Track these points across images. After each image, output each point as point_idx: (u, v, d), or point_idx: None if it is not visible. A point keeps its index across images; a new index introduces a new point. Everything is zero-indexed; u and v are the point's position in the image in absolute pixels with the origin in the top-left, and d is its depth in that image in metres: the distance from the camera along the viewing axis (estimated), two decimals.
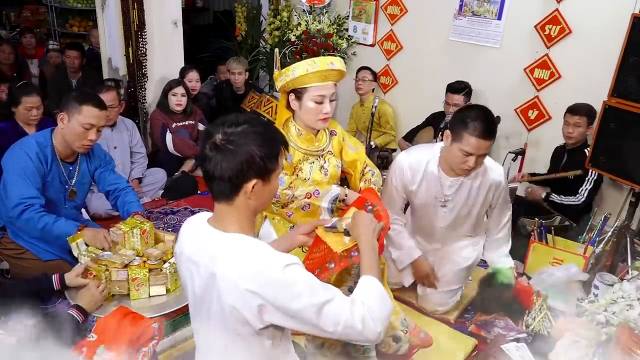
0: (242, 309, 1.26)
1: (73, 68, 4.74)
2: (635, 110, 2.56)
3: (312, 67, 1.99)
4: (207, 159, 1.30)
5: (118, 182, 2.64)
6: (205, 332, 1.42)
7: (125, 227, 2.14)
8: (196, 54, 5.75)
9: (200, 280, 1.34)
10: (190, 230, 1.44)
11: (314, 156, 2.17)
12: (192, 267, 1.37)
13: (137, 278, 2.03)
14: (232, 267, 1.26)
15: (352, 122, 4.71)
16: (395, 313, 2.24)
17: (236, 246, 1.30)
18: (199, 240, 1.38)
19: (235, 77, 4.62)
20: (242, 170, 1.28)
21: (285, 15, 4.99)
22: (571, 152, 3.41)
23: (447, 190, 2.40)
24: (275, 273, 1.23)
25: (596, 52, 3.41)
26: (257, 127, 1.31)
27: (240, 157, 1.27)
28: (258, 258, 1.26)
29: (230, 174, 1.28)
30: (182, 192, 3.90)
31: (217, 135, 1.28)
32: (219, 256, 1.29)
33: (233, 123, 1.30)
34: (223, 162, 1.27)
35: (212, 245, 1.33)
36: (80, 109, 2.32)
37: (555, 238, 2.99)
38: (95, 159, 2.59)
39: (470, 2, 3.94)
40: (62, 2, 6.06)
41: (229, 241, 1.32)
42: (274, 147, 1.34)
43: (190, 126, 4.18)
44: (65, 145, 2.41)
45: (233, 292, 1.25)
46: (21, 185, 2.30)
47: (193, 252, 1.38)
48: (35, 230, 2.33)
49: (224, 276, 1.26)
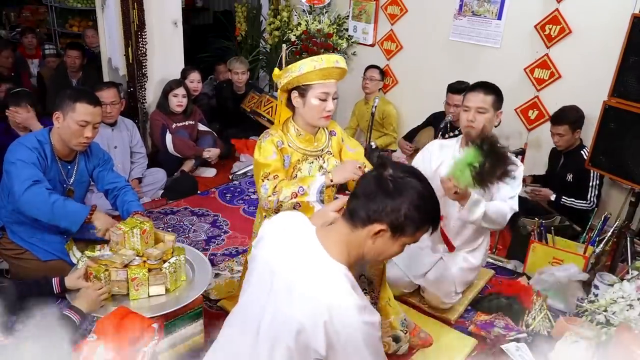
0: (308, 334, 1.23)
1: (74, 68, 4.74)
2: (635, 110, 2.56)
3: (319, 65, 1.99)
4: (378, 181, 1.29)
5: (117, 180, 2.63)
6: (244, 339, 1.37)
7: (125, 227, 2.14)
8: (196, 54, 5.75)
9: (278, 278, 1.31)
10: (288, 238, 1.39)
11: (313, 156, 2.17)
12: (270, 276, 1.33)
13: (137, 278, 2.03)
14: (319, 294, 1.24)
15: (354, 119, 4.68)
16: (395, 313, 2.24)
17: (332, 276, 1.27)
18: (295, 244, 1.35)
19: (238, 77, 4.62)
20: (385, 212, 1.27)
21: (285, 15, 5.00)
22: (568, 154, 3.41)
23: None
24: (354, 319, 1.22)
25: (596, 52, 3.41)
26: (423, 190, 1.29)
27: (389, 199, 1.26)
28: (348, 307, 1.22)
29: (377, 207, 1.27)
30: (182, 192, 3.90)
31: (389, 169, 1.29)
32: (309, 276, 1.28)
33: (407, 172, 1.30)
34: (384, 192, 1.27)
35: (309, 261, 1.31)
36: (74, 107, 2.32)
37: (555, 238, 2.99)
38: (93, 158, 2.58)
39: (470, 2, 3.94)
40: (62, 2, 6.05)
41: (328, 267, 1.29)
42: (423, 218, 1.30)
43: (190, 126, 4.18)
44: (62, 144, 2.41)
45: (306, 313, 1.23)
46: (28, 168, 2.28)
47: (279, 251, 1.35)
48: (44, 204, 2.25)
49: (305, 297, 1.25)
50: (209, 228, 3.46)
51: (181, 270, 2.17)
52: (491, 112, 2.40)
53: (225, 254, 3.15)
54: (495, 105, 2.42)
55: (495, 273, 3.05)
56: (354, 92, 4.67)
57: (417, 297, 2.71)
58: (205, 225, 3.51)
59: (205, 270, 2.28)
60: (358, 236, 1.31)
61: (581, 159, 3.25)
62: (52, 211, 2.26)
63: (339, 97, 4.50)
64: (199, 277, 2.23)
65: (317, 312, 1.22)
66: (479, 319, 2.59)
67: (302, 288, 1.27)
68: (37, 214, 2.29)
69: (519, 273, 3.05)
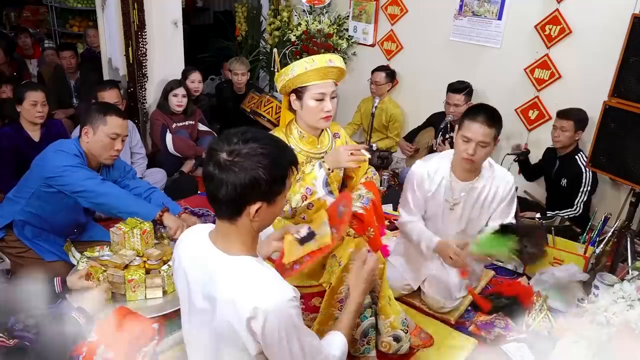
0: (241, 335, 1.25)
1: (70, 68, 4.74)
2: (635, 110, 2.56)
3: (310, 65, 1.98)
4: (210, 178, 1.24)
5: (137, 186, 2.61)
6: (196, 337, 1.41)
7: (126, 227, 2.14)
8: (196, 54, 5.75)
9: (197, 295, 1.34)
10: (190, 244, 1.41)
11: (317, 158, 2.17)
12: (190, 282, 1.36)
13: (134, 280, 2.03)
14: (234, 295, 1.24)
15: (359, 115, 4.63)
16: (395, 313, 2.24)
17: (239, 272, 1.28)
18: (198, 258, 1.35)
19: (238, 77, 4.63)
20: (245, 194, 1.23)
21: (286, 15, 5.00)
22: (563, 159, 3.41)
23: (456, 194, 2.45)
24: (279, 304, 1.22)
25: (596, 52, 3.41)
26: (265, 147, 1.24)
27: (245, 179, 1.21)
28: (260, 289, 1.24)
29: (234, 195, 1.23)
30: (182, 193, 3.90)
31: (222, 154, 1.22)
32: (221, 281, 1.27)
33: (240, 140, 1.23)
34: (226, 183, 1.22)
35: (214, 266, 1.30)
36: (105, 120, 2.34)
37: (555, 238, 2.99)
38: (114, 171, 2.59)
39: (471, 2, 3.94)
40: (62, 2, 6.05)
41: (232, 266, 1.29)
42: (281, 169, 1.27)
43: (191, 126, 4.18)
44: (90, 157, 2.42)
45: (233, 319, 1.25)
46: (83, 169, 2.33)
47: (191, 268, 1.36)
48: (123, 192, 2.37)
49: (225, 302, 1.25)
50: None
51: None
52: (492, 144, 2.30)
53: None
54: (496, 135, 2.31)
55: (495, 273, 3.05)
56: (354, 93, 4.67)
57: (417, 298, 2.71)
58: None
59: None
60: (242, 224, 1.29)
61: (576, 164, 3.27)
62: (130, 199, 2.34)
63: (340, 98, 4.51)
64: None
65: (239, 312, 1.23)
66: (479, 319, 2.59)
67: (221, 295, 1.27)
68: (115, 203, 2.32)
69: (519, 273, 3.05)
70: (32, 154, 2.61)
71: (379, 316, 2.20)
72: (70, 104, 4.77)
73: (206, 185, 1.28)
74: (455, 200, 2.46)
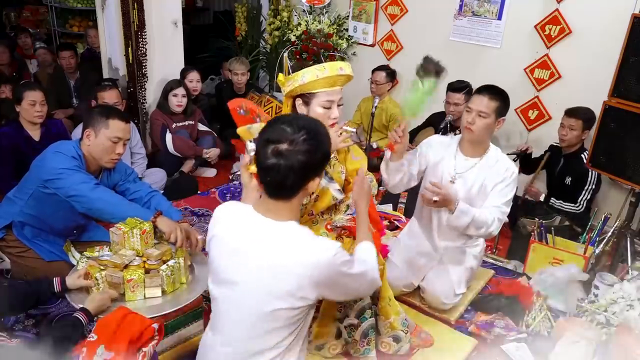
0: (303, 287, 1.41)
1: (70, 68, 4.73)
2: (635, 110, 2.57)
3: (322, 73, 1.97)
4: (275, 168, 1.37)
5: (138, 190, 2.59)
6: (240, 304, 1.49)
7: (125, 227, 2.14)
8: (196, 54, 5.75)
9: (247, 262, 1.45)
10: (234, 217, 1.54)
11: None
12: (238, 253, 1.47)
13: (133, 279, 2.03)
14: (293, 254, 1.41)
15: (358, 114, 4.63)
16: (396, 313, 2.24)
17: (292, 235, 1.45)
18: (247, 229, 1.48)
19: (238, 77, 4.63)
20: (308, 175, 1.41)
21: (285, 15, 5.00)
22: (568, 157, 3.40)
23: (459, 168, 2.51)
24: (329, 259, 1.41)
25: (596, 52, 3.41)
26: (315, 129, 1.42)
27: (309, 162, 1.38)
28: (314, 246, 1.43)
29: (299, 178, 1.40)
30: (182, 193, 3.90)
31: (282, 145, 1.36)
32: (277, 245, 1.43)
33: (293, 129, 1.38)
34: (293, 169, 1.37)
35: (268, 234, 1.45)
36: (107, 123, 2.34)
37: (555, 238, 2.99)
38: (115, 174, 2.57)
39: (471, 2, 3.95)
40: (62, 2, 6.05)
41: (285, 230, 1.45)
42: (328, 144, 1.46)
43: (190, 126, 4.18)
44: (91, 160, 2.41)
45: (294, 275, 1.40)
46: (80, 172, 2.31)
47: (238, 239, 1.49)
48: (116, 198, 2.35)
49: (286, 261, 1.41)
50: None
51: (180, 273, 2.16)
52: (492, 117, 2.40)
53: None
54: (498, 111, 2.41)
55: (495, 273, 3.05)
56: (354, 92, 4.67)
57: (417, 298, 2.71)
58: (206, 225, 3.50)
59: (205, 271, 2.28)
60: (296, 199, 1.47)
61: (581, 162, 3.25)
62: (123, 205, 2.33)
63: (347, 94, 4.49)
64: (199, 277, 2.23)
65: (299, 270, 1.40)
66: (479, 319, 2.59)
67: (275, 257, 1.42)
68: (108, 209, 2.31)
69: (519, 273, 3.05)
70: (32, 153, 2.61)
71: (379, 317, 2.20)
72: (70, 104, 4.77)
73: (268, 176, 1.40)
74: (458, 173, 2.50)
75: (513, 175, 2.46)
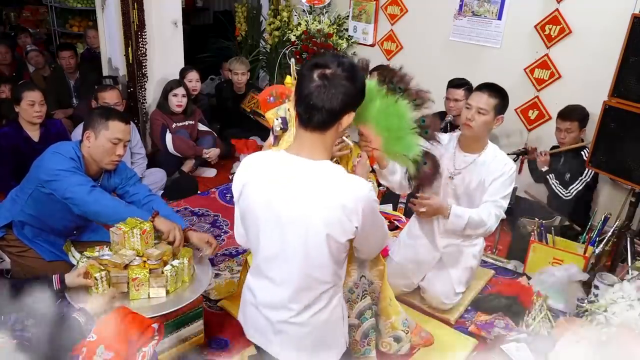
0: (343, 224, 1.42)
1: (70, 68, 4.73)
2: (635, 110, 2.57)
3: None
4: (317, 89, 1.36)
5: (136, 192, 2.57)
6: (286, 246, 1.48)
7: (125, 227, 2.14)
8: (196, 54, 5.74)
9: (286, 206, 1.44)
10: (266, 161, 1.51)
11: None
12: (274, 198, 1.45)
13: (137, 278, 2.03)
14: (333, 192, 1.41)
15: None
16: (396, 313, 2.24)
17: (329, 174, 1.45)
18: (283, 168, 1.47)
19: (238, 77, 4.63)
20: (348, 104, 1.40)
21: (285, 15, 4.99)
22: (568, 154, 3.40)
23: (458, 164, 2.53)
24: (366, 193, 1.44)
25: (596, 52, 3.41)
26: (356, 65, 1.45)
27: (347, 91, 1.37)
28: (352, 181, 1.45)
29: (339, 105, 1.38)
30: (182, 193, 3.90)
31: (329, 69, 1.36)
32: (315, 183, 1.43)
33: (340, 60, 1.39)
34: (335, 94, 1.36)
35: (306, 170, 1.44)
36: (107, 125, 2.33)
37: (555, 238, 2.99)
38: (116, 176, 2.56)
39: (471, 2, 3.94)
40: (62, 2, 6.05)
41: (321, 169, 1.45)
42: (363, 84, 1.48)
43: (190, 126, 4.18)
44: (91, 162, 2.40)
45: (336, 212, 1.40)
46: (77, 174, 2.30)
47: (275, 177, 1.47)
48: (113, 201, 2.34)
49: (326, 200, 1.41)
50: (209, 228, 3.46)
51: (183, 272, 2.16)
52: (491, 115, 2.41)
53: (225, 254, 3.15)
54: (497, 109, 2.43)
55: (495, 273, 3.05)
56: None
57: (417, 297, 2.72)
58: (206, 225, 3.51)
59: (205, 271, 2.28)
60: (330, 133, 1.45)
61: (581, 158, 3.25)
62: (119, 207, 2.31)
63: None
64: (199, 277, 2.23)
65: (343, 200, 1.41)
66: (479, 319, 2.59)
67: (315, 196, 1.42)
68: (104, 211, 2.29)
69: (519, 273, 3.05)
70: (31, 154, 2.60)
71: (379, 317, 2.20)
72: (70, 104, 4.77)
73: (311, 99, 1.38)
74: (457, 170, 2.52)
75: (511, 171, 2.47)
